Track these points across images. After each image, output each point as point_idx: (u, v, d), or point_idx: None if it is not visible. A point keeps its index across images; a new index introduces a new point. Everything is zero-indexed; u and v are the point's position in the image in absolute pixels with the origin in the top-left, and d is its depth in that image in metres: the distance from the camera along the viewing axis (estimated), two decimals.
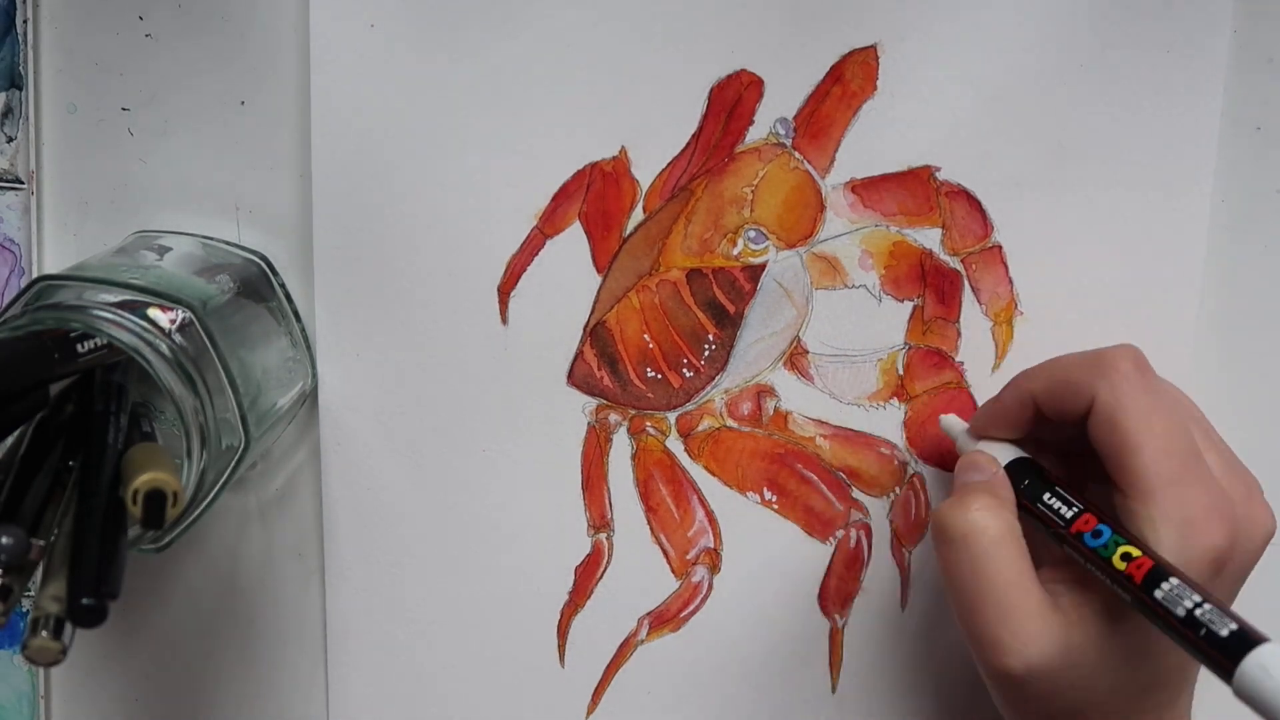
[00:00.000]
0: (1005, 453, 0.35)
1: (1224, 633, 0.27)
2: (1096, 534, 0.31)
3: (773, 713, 0.40)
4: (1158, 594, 0.28)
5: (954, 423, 0.37)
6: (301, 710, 0.42)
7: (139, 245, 0.38)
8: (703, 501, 0.39)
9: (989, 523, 0.31)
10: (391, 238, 0.38)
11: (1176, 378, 0.37)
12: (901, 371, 0.38)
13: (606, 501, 0.40)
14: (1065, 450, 0.35)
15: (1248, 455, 0.39)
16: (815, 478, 0.39)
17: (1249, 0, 0.36)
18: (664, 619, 0.40)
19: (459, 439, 0.39)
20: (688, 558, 0.40)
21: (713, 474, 0.39)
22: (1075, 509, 0.32)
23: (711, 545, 0.40)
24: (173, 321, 0.33)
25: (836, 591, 0.40)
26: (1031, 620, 0.30)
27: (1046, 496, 0.33)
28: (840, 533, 0.39)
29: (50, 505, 0.31)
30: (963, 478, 0.34)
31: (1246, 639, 0.27)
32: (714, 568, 0.40)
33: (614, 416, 0.39)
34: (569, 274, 0.38)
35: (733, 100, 0.37)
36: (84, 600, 0.28)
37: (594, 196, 0.38)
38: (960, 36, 0.36)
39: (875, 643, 0.40)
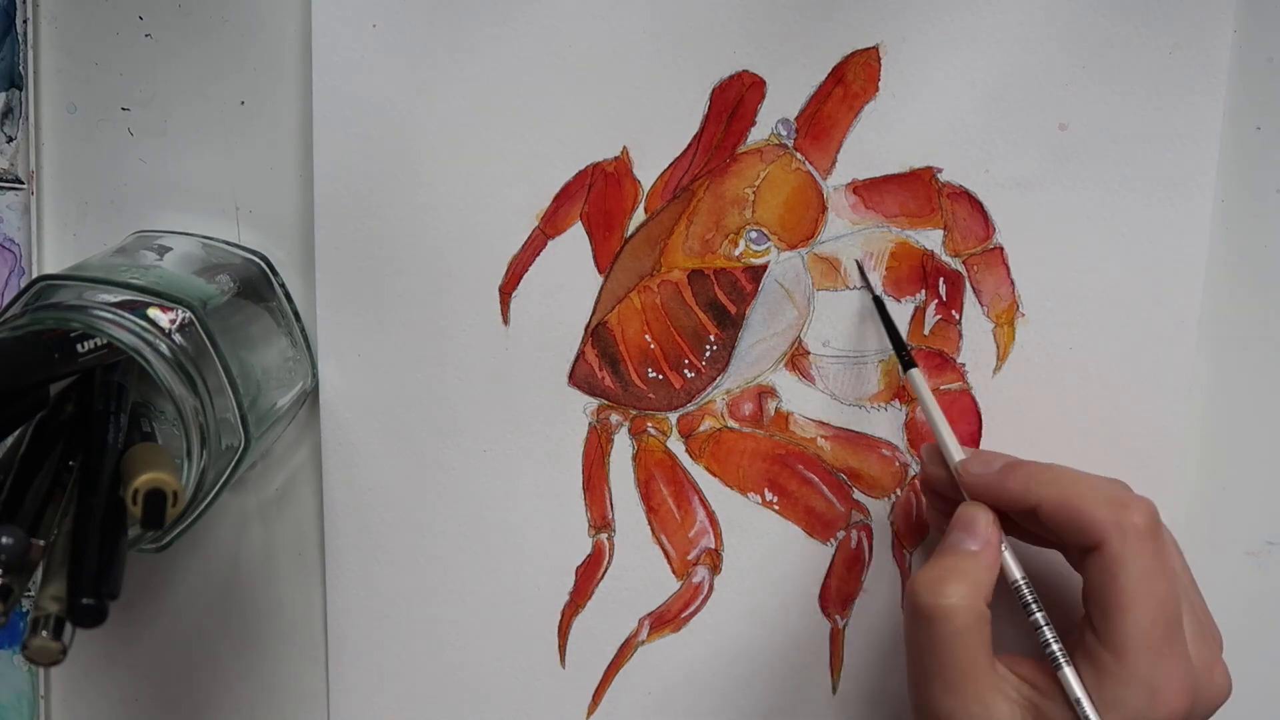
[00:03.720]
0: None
1: None
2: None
3: (773, 714, 0.40)
4: None
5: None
6: (302, 710, 0.42)
7: (139, 245, 0.38)
8: (704, 502, 0.39)
9: (959, 612, 0.32)
10: (392, 237, 0.38)
11: (1178, 378, 0.37)
12: (903, 373, 0.38)
13: (607, 502, 0.40)
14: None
15: (1246, 455, 0.39)
16: (816, 479, 0.39)
17: (1250, 0, 0.36)
18: (665, 619, 0.40)
19: (460, 439, 0.39)
20: (689, 558, 0.40)
21: (714, 475, 0.39)
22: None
23: (712, 546, 0.40)
24: (173, 321, 0.33)
25: (837, 592, 0.40)
26: (978, 703, 0.31)
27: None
28: (841, 534, 0.39)
29: (50, 505, 0.31)
30: (953, 537, 0.34)
31: None
32: (715, 568, 0.40)
33: (615, 417, 0.39)
34: (570, 274, 0.38)
35: (734, 101, 0.37)
36: (84, 600, 0.28)
37: (596, 197, 0.38)
38: (962, 37, 0.36)
39: (876, 644, 0.40)
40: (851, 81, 0.37)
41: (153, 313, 0.33)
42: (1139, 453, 0.38)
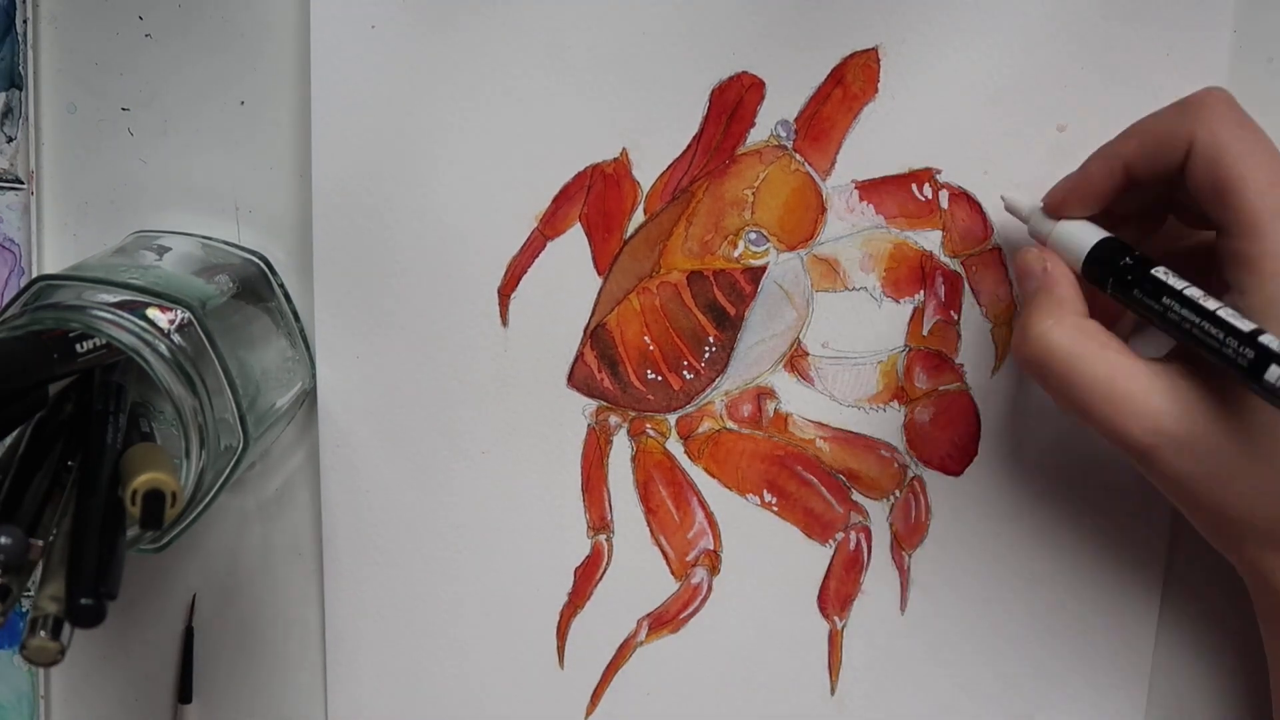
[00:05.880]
0: (1087, 233, 0.33)
1: None
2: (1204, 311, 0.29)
3: (771, 714, 0.40)
4: (1269, 376, 0.27)
5: (1019, 201, 0.35)
6: (300, 710, 0.42)
7: (138, 245, 0.38)
8: (702, 503, 0.39)
9: (1056, 339, 0.31)
10: (391, 238, 0.38)
11: None
12: (902, 374, 0.38)
13: (606, 503, 0.40)
14: (1139, 226, 0.34)
15: None
16: (815, 480, 0.39)
17: (1249, 1, 0.36)
18: (663, 620, 0.40)
19: (459, 440, 0.39)
20: (687, 559, 0.40)
21: (713, 476, 0.39)
22: (1183, 284, 0.30)
23: (711, 547, 0.40)
24: (172, 322, 0.33)
25: (836, 594, 0.40)
26: (1150, 396, 0.30)
27: (1151, 275, 0.31)
28: (840, 535, 0.39)
29: (49, 505, 0.31)
30: (1020, 288, 0.34)
31: None
32: (713, 569, 0.40)
33: (614, 418, 0.39)
34: (569, 276, 0.38)
35: (734, 102, 0.37)
36: (82, 600, 0.28)
37: (595, 198, 0.38)
38: (961, 39, 0.36)
39: (874, 645, 0.40)
40: (851, 83, 0.37)
41: (152, 313, 0.33)
42: None
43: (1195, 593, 0.39)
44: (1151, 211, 0.34)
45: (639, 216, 0.38)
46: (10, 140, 0.39)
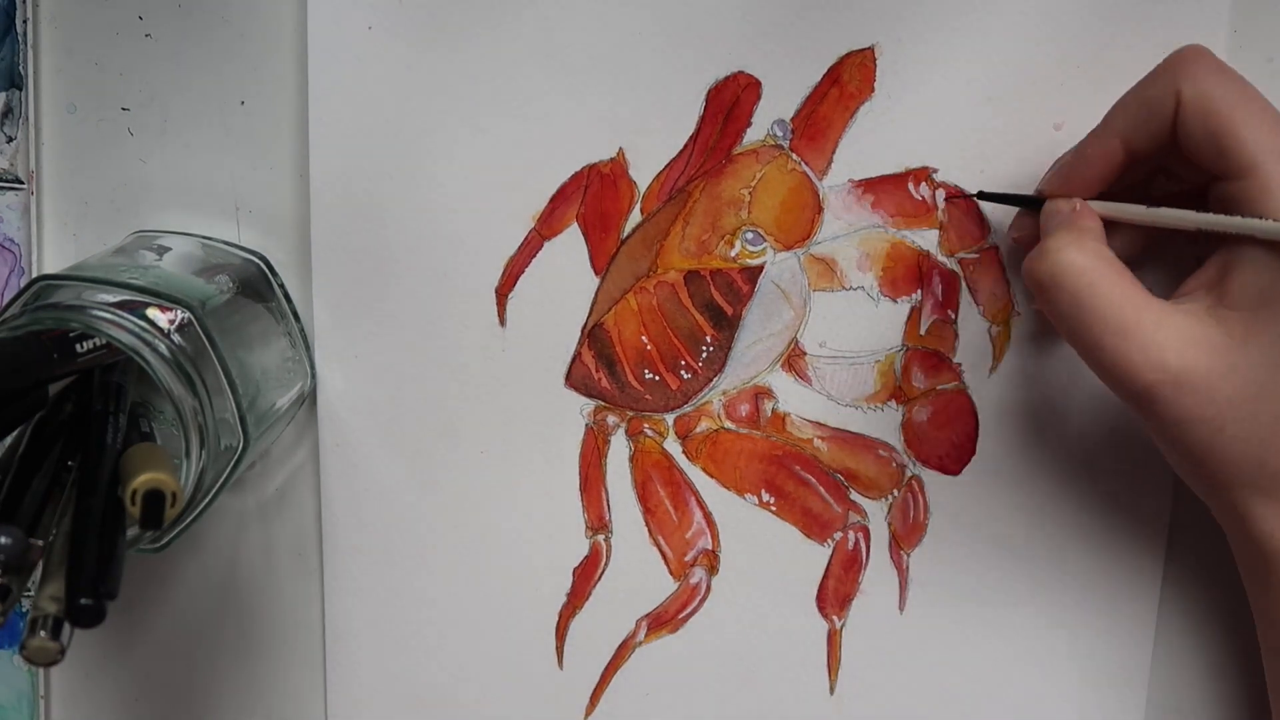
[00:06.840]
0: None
1: None
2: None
3: (770, 714, 0.40)
4: None
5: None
6: (300, 710, 0.42)
7: (138, 245, 0.38)
8: (700, 503, 0.40)
9: (1074, 257, 0.31)
10: (390, 239, 0.38)
11: None
12: (899, 373, 0.38)
13: (604, 503, 0.40)
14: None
15: None
16: (813, 480, 0.39)
17: (1247, 0, 0.36)
18: (662, 620, 0.40)
19: (457, 440, 0.39)
20: (686, 559, 0.40)
21: (710, 475, 0.39)
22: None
23: (709, 547, 0.40)
24: (172, 322, 0.33)
25: (834, 593, 0.40)
26: (1158, 330, 0.30)
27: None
28: (838, 535, 0.39)
29: (49, 505, 0.31)
30: (1044, 230, 0.34)
31: None
32: (712, 569, 0.40)
33: (612, 418, 0.39)
34: (567, 276, 0.38)
35: (730, 102, 0.37)
36: (82, 600, 0.28)
37: (592, 198, 0.38)
38: (958, 38, 0.36)
39: (873, 645, 0.40)
40: (847, 82, 0.37)
41: (152, 313, 0.33)
42: (1137, 451, 0.38)
43: (1194, 591, 0.39)
44: (1137, 183, 0.35)
45: (636, 216, 0.38)
46: (10, 140, 0.39)
